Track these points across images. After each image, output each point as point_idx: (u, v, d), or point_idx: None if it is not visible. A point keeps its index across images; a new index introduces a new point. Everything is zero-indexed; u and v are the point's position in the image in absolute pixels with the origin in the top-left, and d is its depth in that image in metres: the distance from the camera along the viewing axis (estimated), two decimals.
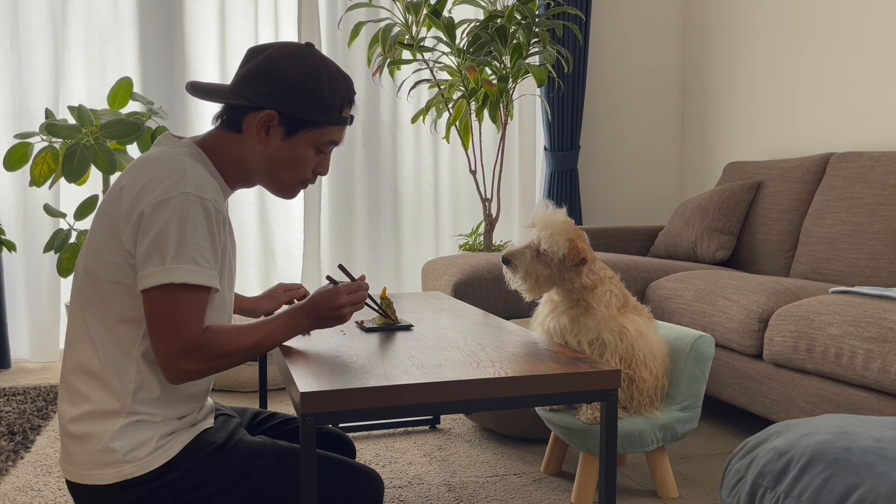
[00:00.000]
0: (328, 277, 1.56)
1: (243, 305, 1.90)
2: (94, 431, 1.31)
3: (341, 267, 1.64)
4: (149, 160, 1.33)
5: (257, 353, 1.36)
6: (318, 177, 1.50)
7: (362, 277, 1.52)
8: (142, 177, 1.31)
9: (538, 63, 4.25)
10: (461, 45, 3.82)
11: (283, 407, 3.08)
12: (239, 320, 3.36)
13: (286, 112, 1.39)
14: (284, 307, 2.08)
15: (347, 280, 1.52)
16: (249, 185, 1.48)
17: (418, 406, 1.33)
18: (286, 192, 1.48)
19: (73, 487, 1.34)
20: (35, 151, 3.45)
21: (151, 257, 1.27)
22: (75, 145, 3.31)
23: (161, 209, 1.27)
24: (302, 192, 4.14)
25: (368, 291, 1.52)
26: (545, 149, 4.46)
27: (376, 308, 1.84)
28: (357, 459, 2.17)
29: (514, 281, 2.02)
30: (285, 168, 1.43)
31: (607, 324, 2.02)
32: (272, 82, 1.38)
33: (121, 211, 1.31)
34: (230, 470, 1.36)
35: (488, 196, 4.10)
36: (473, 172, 3.97)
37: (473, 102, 3.84)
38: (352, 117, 1.48)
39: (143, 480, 1.31)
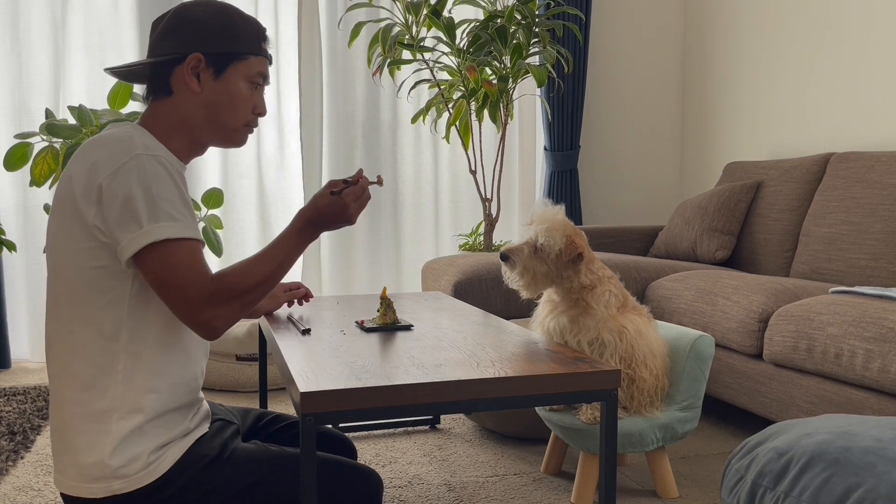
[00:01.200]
0: (332, 192, 1.44)
1: None
2: (88, 441, 1.28)
3: (344, 181, 1.51)
4: (91, 143, 1.31)
5: (277, 277, 1.34)
6: (259, 117, 1.47)
7: (359, 172, 1.48)
8: (88, 157, 1.28)
9: (538, 63, 4.25)
10: (461, 45, 3.82)
11: (283, 407, 3.08)
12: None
13: (209, 51, 1.38)
14: (285, 306, 2.09)
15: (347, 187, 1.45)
16: (201, 148, 1.44)
17: (418, 406, 1.33)
18: (234, 136, 1.44)
19: (66, 499, 1.33)
20: (35, 151, 3.45)
21: (127, 225, 1.24)
22: (75, 145, 3.31)
23: (118, 177, 1.25)
24: (302, 193, 4.16)
25: (368, 190, 1.49)
26: (545, 149, 4.46)
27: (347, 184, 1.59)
28: (358, 460, 2.17)
29: (512, 278, 2.02)
30: (225, 109, 1.40)
31: (607, 323, 2.02)
32: (187, 29, 1.38)
33: (76, 196, 1.27)
34: (225, 484, 1.33)
35: (488, 196, 4.10)
36: (473, 172, 3.97)
37: (473, 102, 3.84)
38: (270, 55, 1.47)
39: (134, 497, 1.28)
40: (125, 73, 1.43)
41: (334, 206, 1.42)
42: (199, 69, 1.38)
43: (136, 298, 1.30)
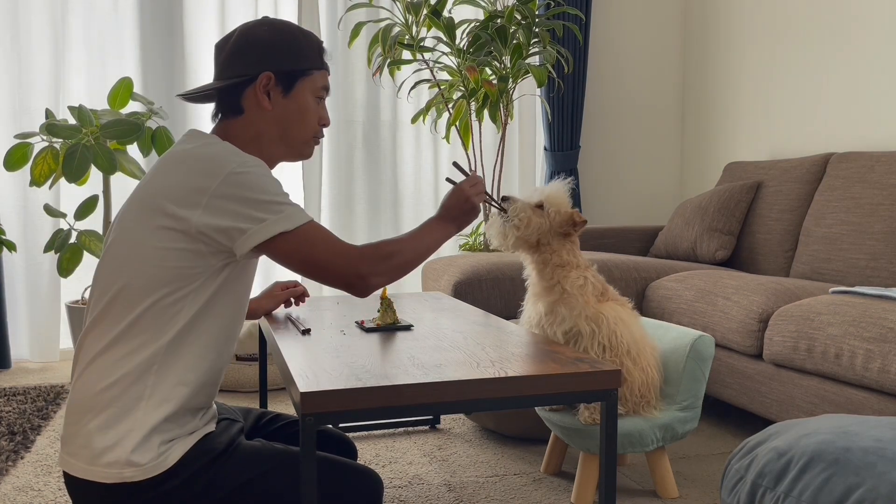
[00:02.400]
0: (448, 179, 1.70)
1: None
2: (107, 424, 1.30)
3: (455, 164, 1.75)
4: (180, 154, 1.36)
5: (422, 256, 1.46)
6: (324, 128, 1.56)
7: (474, 172, 1.59)
8: (186, 165, 1.33)
9: (538, 63, 4.25)
10: (461, 46, 3.82)
11: (283, 407, 3.08)
12: None
13: (278, 69, 1.44)
14: (282, 307, 2.09)
15: (461, 176, 1.61)
16: (270, 165, 1.51)
17: (418, 406, 1.33)
18: (303, 149, 1.52)
19: (72, 483, 1.33)
20: (35, 151, 3.45)
21: (249, 221, 1.31)
22: (75, 145, 3.31)
23: (233, 178, 1.31)
24: (301, 192, 4.16)
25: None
26: (545, 149, 4.46)
27: (494, 203, 1.98)
28: (358, 460, 2.18)
29: (502, 220, 2.05)
30: (296, 123, 1.48)
31: (583, 311, 2.01)
32: (254, 51, 1.44)
33: (169, 202, 1.31)
34: (230, 477, 1.35)
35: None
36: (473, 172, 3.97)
37: (473, 102, 3.84)
38: (328, 67, 1.54)
39: (142, 486, 1.30)
40: (198, 97, 1.50)
41: (453, 196, 1.57)
42: (269, 87, 1.45)
43: (212, 298, 1.36)
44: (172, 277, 1.32)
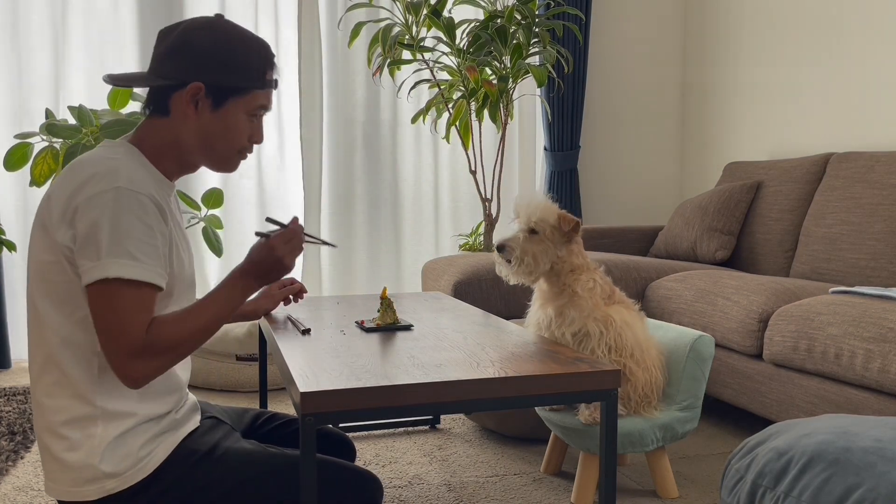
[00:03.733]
0: (257, 233, 1.47)
1: (243, 309, 1.89)
2: (73, 448, 1.27)
3: (269, 219, 1.55)
4: (80, 162, 1.30)
5: (211, 331, 1.32)
6: (255, 144, 1.45)
7: (294, 220, 1.46)
8: (75, 177, 1.27)
9: (538, 63, 4.25)
10: (461, 46, 3.82)
11: (283, 407, 3.08)
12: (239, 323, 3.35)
13: (211, 82, 1.36)
14: (281, 305, 2.09)
15: (278, 230, 1.46)
16: (191, 168, 1.44)
17: (418, 406, 1.33)
18: (225, 164, 1.44)
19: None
20: (35, 151, 3.45)
21: (87, 253, 1.23)
22: (75, 145, 3.31)
23: (93, 204, 1.23)
24: (302, 193, 4.16)
25: (305, 233, 1.47)
26: (545, 149, 4.46)
27: (315, 240, 1.67)
28: (357, 459, 2.17)
29: (512, 267, 2.02)
30: (220, 139, 1.39)
31: (592, 314, 2.02)
32: (190, 56, 1.35)
33: (54, 214, 1.27)
34: (219, 480, 1.34)
35: (488, 196, 4.10)
36: (473, 172, 3.97)
37: (473, 102, 3.84)
38: (276, 81, 1.45)
39: (128, 495, 1.28)
40: (124, 82, 1.41)
41: (262, 249, 1.40)
42: (198, 97, 1.36)
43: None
44: (64, 293, 1.28)
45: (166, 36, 1.39)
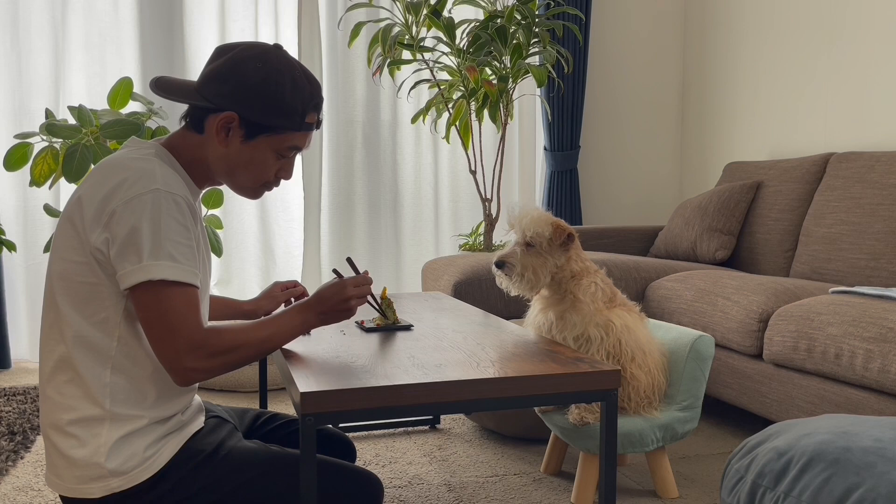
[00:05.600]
0: (334, 270, 1.57)
1: (243, 308, 1.89)
2: (79, 445, 1.28)
3: (349, 260, 1.64)
4: (113, 163, 1.31)
5: (265, 350, 1.34)
6: (282, 180, 1.47)
7: (366, 273, 1.51)
8: (109, 179, 1.28)
9: (538, 63, 4.25)
10: (461, 45, 3.82)
11: (283, 407, 3.08)
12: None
13: (245, 115, 1.36)
14: (282, 306, 2.09)
15: (352, 273, 1.52)
16: (216, 184, 1.46)
17: (418, 406, 1.33)
18: (248, 193, 1.46)
19: (64, 500, 1.33)
20: (35, 151, 3.45)
21: (128, 256, 1.24)
22: (75, 145, 3.31)
23: (132, 207, 1.25)
24: (302, 193, 4.16)
25: (371, 287, 1.52)
26: (545, 149, 4.46)
27: (376, 307, 1.84)
28: (357, 459, 2.18)
29: (513, 282, 2.03)
30: (243, 170, 1.41)
31: (594, 318, 2.02)
32: (233, 84, 1.36)
33: (86, 216, 1.28)
34: (222, 480, 1.34)
35: (488, 196, 4.10)
36: (473, 172, 3.97)
37: (473, 102, 3.84)
38: (319, 122, 1.45)
39: (132, 493, 1.29)
40: (168, 93, 1.41)
41: (333, 287, 1.44)
42: (230, 126, 1.37)
43: (130, 315, 1.31)
44: (86, 294, 1.29)
45: (220, 55, 1.40)
